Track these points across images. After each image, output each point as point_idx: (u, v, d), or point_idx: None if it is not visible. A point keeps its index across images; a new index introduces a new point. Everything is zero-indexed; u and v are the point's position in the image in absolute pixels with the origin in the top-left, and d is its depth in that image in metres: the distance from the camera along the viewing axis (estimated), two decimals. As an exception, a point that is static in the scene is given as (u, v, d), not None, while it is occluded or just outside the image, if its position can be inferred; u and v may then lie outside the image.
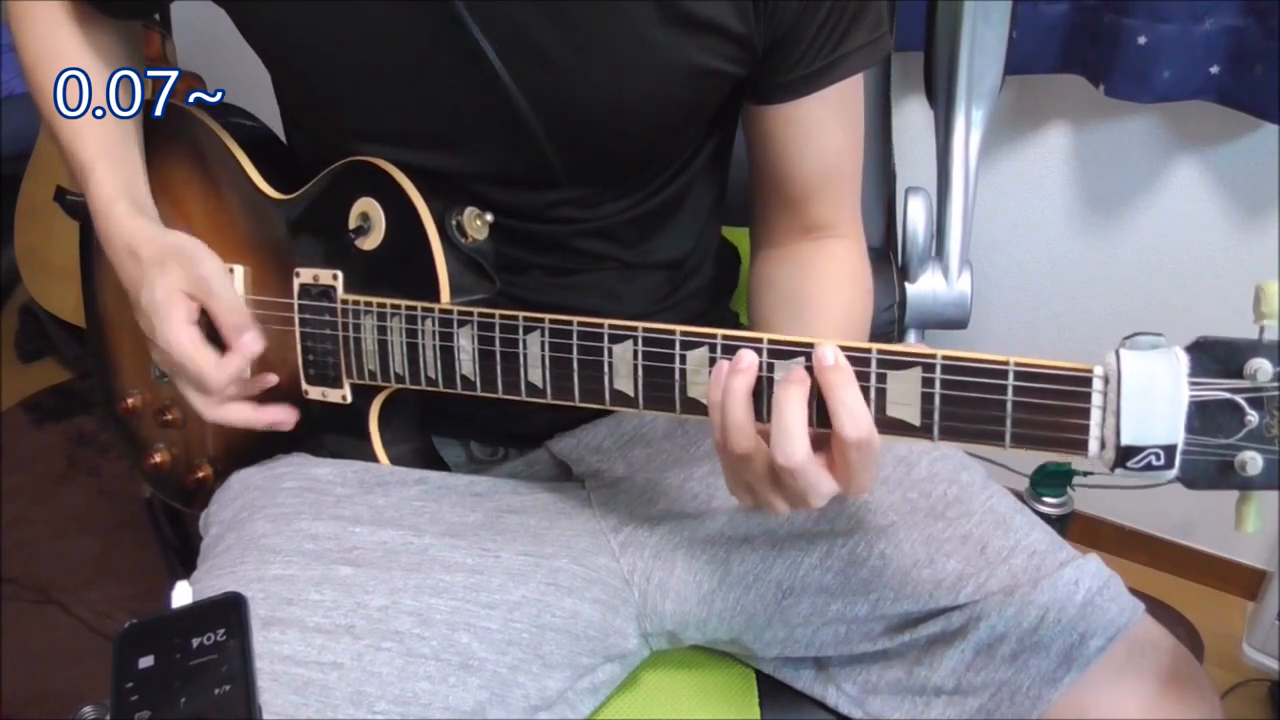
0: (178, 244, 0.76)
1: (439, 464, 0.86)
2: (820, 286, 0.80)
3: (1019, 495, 1.49)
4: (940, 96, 1.29)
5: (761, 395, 0.59)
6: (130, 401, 0.93)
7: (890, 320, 1.20)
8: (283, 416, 0.78)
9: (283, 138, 0.89)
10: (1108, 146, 1.47)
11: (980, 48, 1.22)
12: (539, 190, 0.77)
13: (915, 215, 1.23)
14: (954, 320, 1.28)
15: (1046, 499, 1.59)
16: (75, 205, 0.90)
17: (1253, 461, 0.50)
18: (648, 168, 0.79)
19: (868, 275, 0.84)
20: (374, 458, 0.79)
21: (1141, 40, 1.25)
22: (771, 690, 0.81)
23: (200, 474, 0.88)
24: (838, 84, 0.75)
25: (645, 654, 0.81)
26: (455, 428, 0.89)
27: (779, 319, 0.80)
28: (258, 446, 0.84)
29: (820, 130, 0.78)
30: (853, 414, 0.56)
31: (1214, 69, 1.26)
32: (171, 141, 0.87)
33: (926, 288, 1.26)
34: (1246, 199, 1.41)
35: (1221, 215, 1.43)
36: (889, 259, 1.22)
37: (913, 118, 1.49)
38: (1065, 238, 1.55)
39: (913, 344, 0.57)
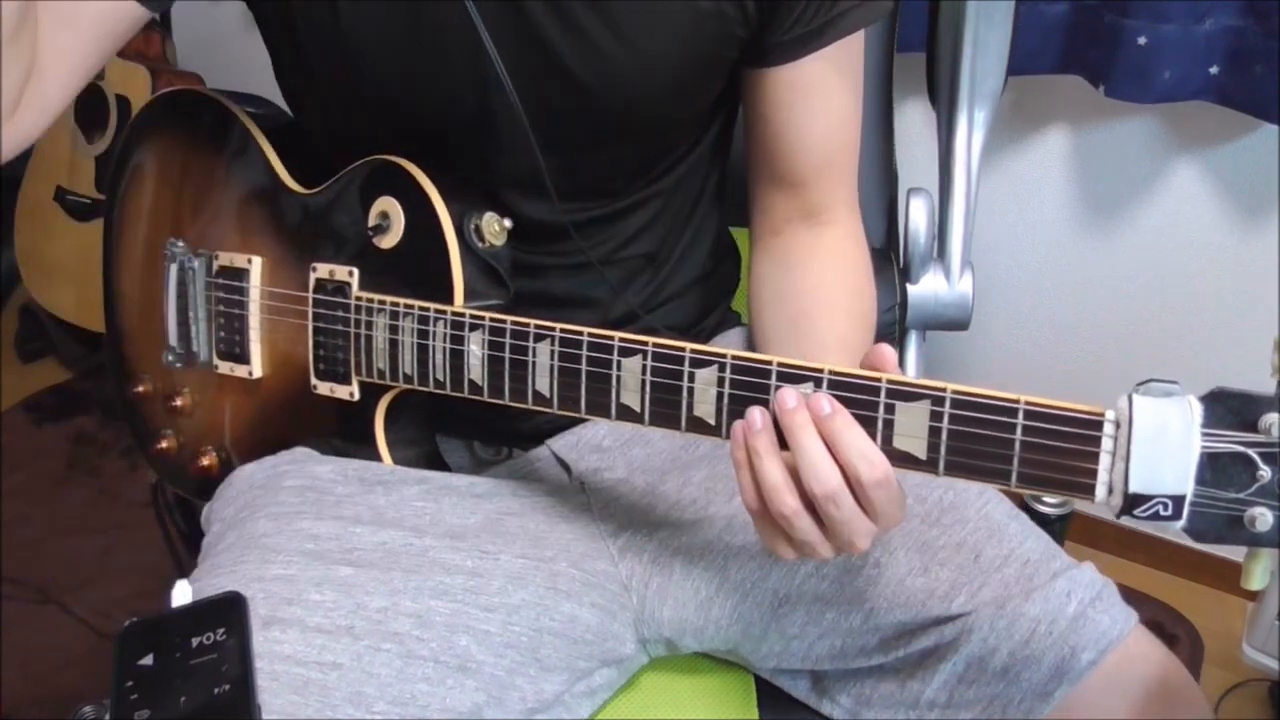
0: None
1: (442, 468, 0.86)
2: (817, 293, 0.80)
3: (1020, 495, 1.49)
4: (942, 98, 1.29)
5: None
6: (142, 388, 0.93)
7: (891, 321, 1.20)
8: None
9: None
10: (1108, 147, 1.47)
11: (983, 49, 1.22)
12: (560, 159, 0.76)
13: (917, 216, 1.23)
14: (955, 321, 1.28)
15: (1047, 499, 1.59)
16: (75, 205, 0.90)
17: (1262, 518, 0.49)
18: (665, 128, 0.79)
19: (867, 267, 0.84)
20: (378, 457, 0.79)
21: (1141, 40, 1.25)
22: (770, 693, 0.81)
23: (205, 461, 0.88)
24: (837, 45, 0.75)
25: (643, 660, 0.81)
26: (459, 427, 0.89)
27: (779, 330, 0.81)
28: (263, 438, 0.84)
29: (821, 94, 0.78)
30: (813, 463, 0.57)
31: (1214, 69, 1.26)
32: (196, 127, 0.88)
33: (928, 289, 1.26)
34: (1246, 199, 1.41)
35: (1221, 215, 1.43)
36: (890, 260, 1.22)
37: (915, 119, 1.49)
38: (1065, 238, 1.55)
39: (918, 378, 0.57)
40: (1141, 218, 1.49)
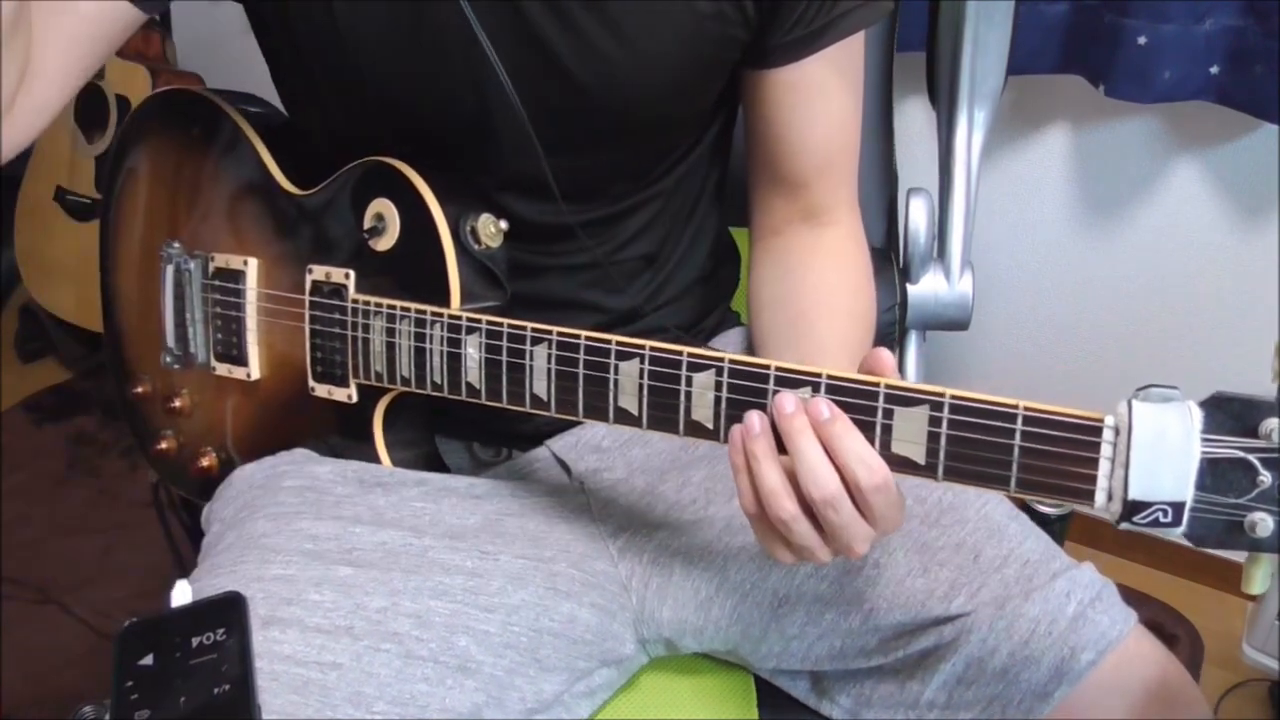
0: None
1: (441, 469, 0.86)
2: (817, 294, 0.80)
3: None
4: (942, 97, 1.29)
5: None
6: (141, 389, 0.93)
7: (891, 321, 1.20)
8: None
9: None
10: (1108, 146, 1.47)
11: (983, 49, 1.22)
12: (559, 159, 0.76)
13: (917, 216, 1.23)
14: (955, 321, 1.28)
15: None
16: (75, 205, 0.90)
17: (1263, 523, 0.49)
18: (664, 132, 0.79)
19: (867, 266, 0.84)
20: (376, 459, 0.79)
21: (1141, 40, 1.25)
22: (770, 693, 0.81)
23: (204, 462, 0.88)
24: (837, 46, 0.75)
25: (643, 660, 0.81)
26: (458, 428, 0.89)
27: (779, 331, 0.80)
28: (262, 440, 0.84)
29: (821, 96, 0.78)
30: (811, 468, 0.57)
31: (1214, 69, 1.26)
32: (189, 127, 0.88)
33: (928, 289, 1.26)
34: (1246, 199, 1.41)
35: (1221, 215, 1.43)
36: (890, 260, 1.22)
37: (915, 119, 1.49)
38: (1065, 238, 1.55)
39: (918, 377, 0.57)
40: (1141, 218, 1.49)
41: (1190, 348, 1.52)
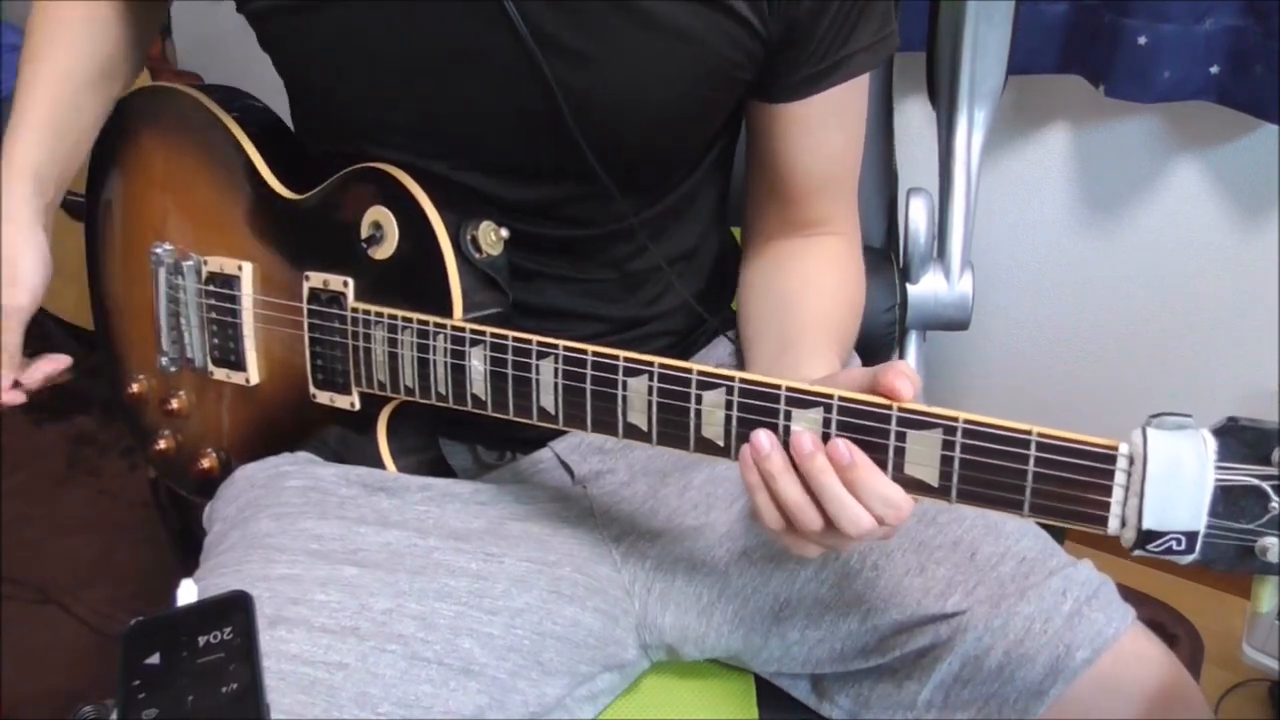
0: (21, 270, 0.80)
1: (446, 472, 0.85)
2: (804, 279, 0.81)
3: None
4: (942, 97, 1.29)
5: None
6: (136, 388, 0.92)
7: (891, 321, 1.20)
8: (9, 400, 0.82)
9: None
10: (1108, 146, 1.47)
11: (983, 49, 1.22)
12: (555, 186, 0.76)
13: (917, 216, 1.23)
14: (955, 321, 1.28)
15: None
16: (75, 205, 0.90)
17: (1274, 548, 0.50)
18: (663, 164, 0.79)
19: (857, 260, 0.84)
20: (381, 465, 0.79)
21: (1141, 40, 1.25)
22: (771, 694, 0.81)
23: (204, 463, 0.88)
24: (843, 84, 0.75)
25: (645, 665, 0.81)
26: (461, 432, 0.88)
27: (766, 318, 0.80)
28: (263, 443, 0.84)
29: (823, 129, 0.78)
30: (843, 507, 0.57)
31: (1214, 69, 1.27)
32: (172, 124, 0.86)
33: (928, 289, 1.26)
34: (1246, 199, 1.41)
35: (1221, 215, 1.43)
36: (890, 260, 1.22)
37: (915, 118, 1.49)
38: (1065, 238, 1.55)
39: (919, 379, 0.57)
40: (1141, 218, 1.49)
41: (1190, 348, 1.52)
